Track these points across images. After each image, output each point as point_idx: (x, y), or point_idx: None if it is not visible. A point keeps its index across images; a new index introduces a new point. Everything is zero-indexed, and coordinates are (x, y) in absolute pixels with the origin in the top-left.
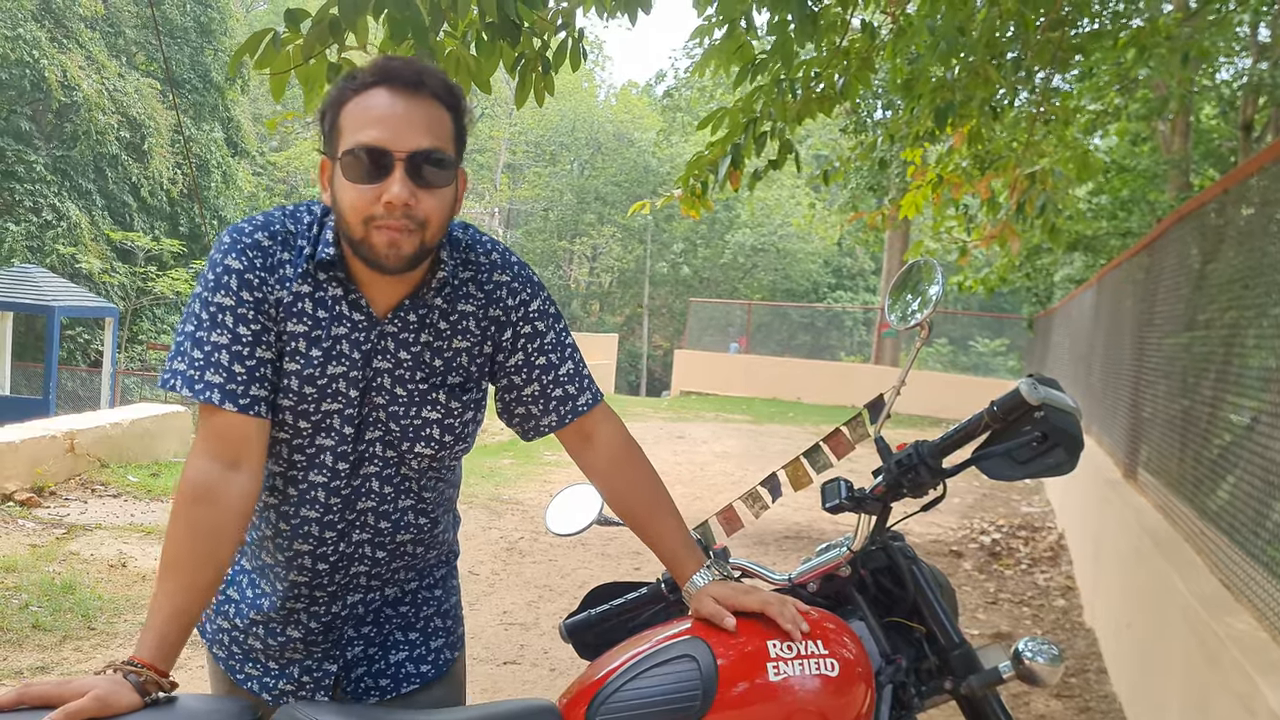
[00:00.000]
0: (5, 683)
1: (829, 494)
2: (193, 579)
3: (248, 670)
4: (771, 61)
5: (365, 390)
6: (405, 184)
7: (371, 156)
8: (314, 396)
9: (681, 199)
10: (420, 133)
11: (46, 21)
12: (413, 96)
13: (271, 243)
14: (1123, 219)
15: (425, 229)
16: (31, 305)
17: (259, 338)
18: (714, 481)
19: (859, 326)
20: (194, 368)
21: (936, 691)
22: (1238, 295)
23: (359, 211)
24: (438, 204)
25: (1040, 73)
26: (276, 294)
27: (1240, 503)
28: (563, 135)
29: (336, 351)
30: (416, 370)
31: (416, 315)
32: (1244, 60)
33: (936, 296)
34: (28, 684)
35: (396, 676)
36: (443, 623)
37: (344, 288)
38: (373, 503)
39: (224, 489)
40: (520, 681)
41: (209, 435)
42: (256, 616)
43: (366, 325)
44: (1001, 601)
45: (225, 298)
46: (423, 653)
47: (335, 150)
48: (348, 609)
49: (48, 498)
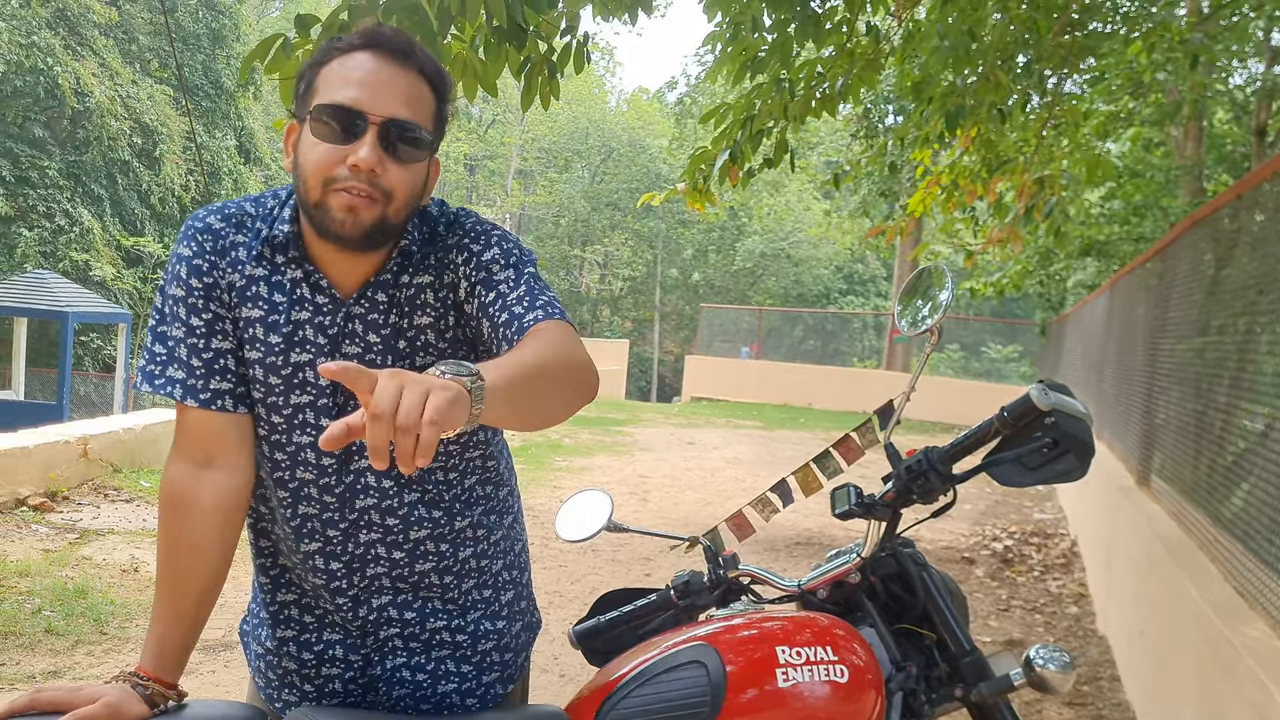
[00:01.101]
0: (18, 687)
1: (839, 500)
2: (183, 586)
3: (285, 697)
4: (771, 59)
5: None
6: (375, 149)
7: (344, 116)
8: (280, 388)
9: (686, 193)
10: (400, 102)
11: (61, 29)
12: (399, 65)
13: (224, 225)
14: (1135, 224)
15: (389, 202)
16: (46, 311)
17: (212, 327)
18: (724, 487)
19: (870, 332)
20: (155, 363)
21: (947, 699)
22: (1252, 301)
23: (321, 171)
24: (406, 178)
25: (1051, 77)
26: (228, 278)
27: (1255, 509)
28: (575, 142)
29: (300, 337)
30: (388, 354)
31: (385, 295)
32: (1257, 65)
33: (947, 302)
34: (40, 689)
35: (440, 704)
36: (500, 657)
37: (302, 269)
38: (373, 499)
39: (196, 491)
40: (529, 688)
41: (180, 434)
42: (285, 633)
43: (331, 308)
44: (1014, 608)
45: (177, 288)
46: (473, 687)
47: (306, 110)
48: (376, 613)
49: (61, 502)
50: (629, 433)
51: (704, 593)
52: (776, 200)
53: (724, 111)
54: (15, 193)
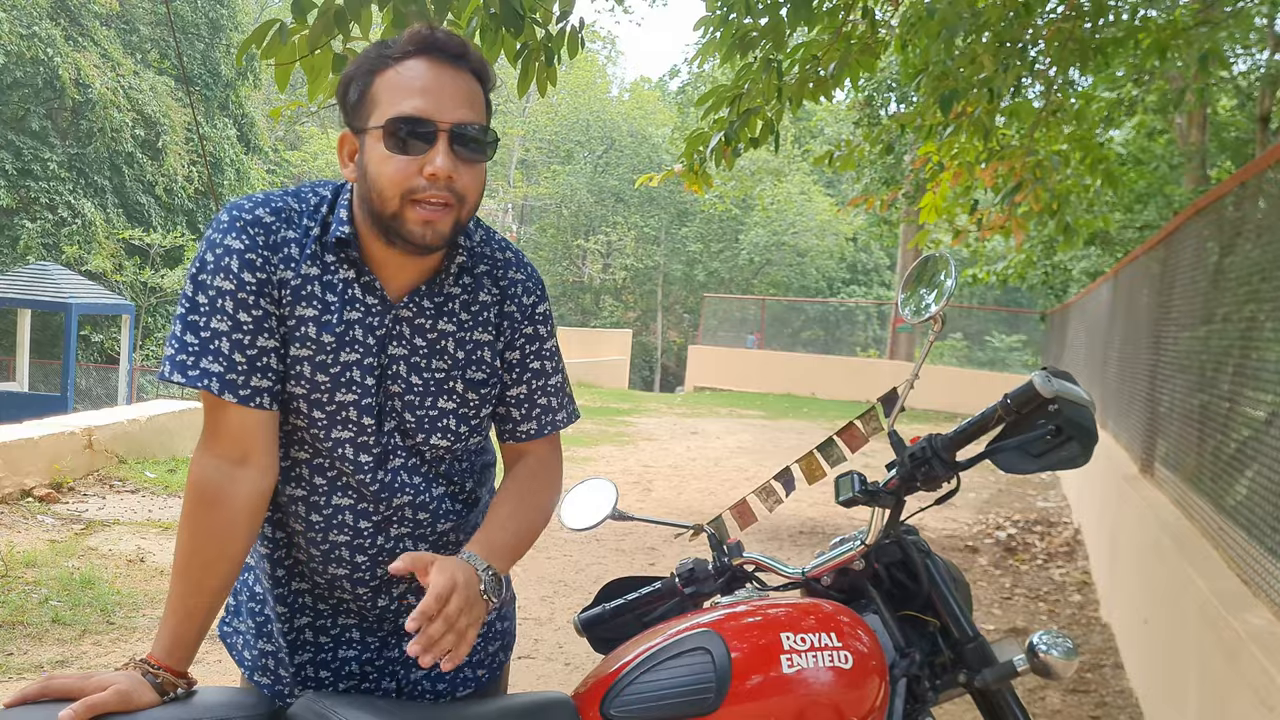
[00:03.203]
0: (25, 676)
1: (843, 488)
2: (203, 581)
3: (297, 694)
4: (763, 39)
5: (381, 378)
6: (449, 156)
7: (414, 126)
8: (327, 385)
9: (684, 174)
10: (463, 105)
11: (62, 19)
12: (455, 68)
13: (274, 219)
14: (1138, 212)
15: (463, 205)
16: (50, 302)
17: (261, 324)
18: (728, 477)
19: (873, 321)
20: (189, 354)
21: (951, 685)
22: (1255, 288)
23: (398, 184)
24: (476, 179)
25: (1053, 68)
26: (280, 275)
27: (1259, 498)
28: (577, 132)
29: (350, 337)
30: (433, 358)
31: (433, 301)
32: (1261, 53)
33: (950, 290)
34: (51, 676)
35: (454, 681)
36: (500, 625)
37: (356, 269)
38: (409, 496)
39: (230, 489)
40: (534, 675)
41: (212, 430)
42: (301, 621)
43: (380, 309)
44: (1017, 596)
45: (225, 281)
46: (481, 657)
47: (366, 121)
48: (395, 601)
49: (66, 493)
50: (632, 422)
51: (708, 580)
52: (779, 190)
53: (720, 93)
54: (17, 185)
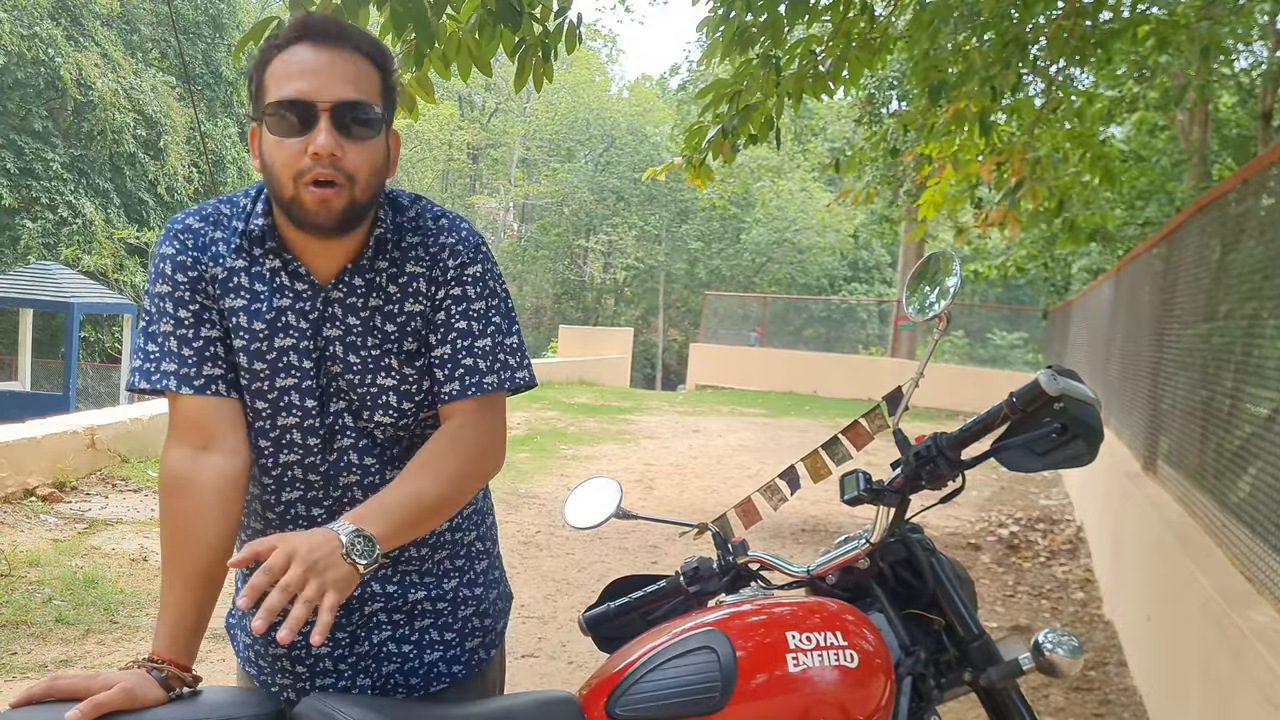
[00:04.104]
0: (29, 675)
1: (847, 486)
2: (188, 569)
3: (280, 681)
4: (762, 35)
5: (320, 360)
6: (331, 134)
7: (296, 109)
8: (266, 373)
9: (685, 168)
10: (344, 84)
11: (63, 19)
12: (335, 49)
13: (203, 224)
14: (1140, 209)
15: (354, 184)
16: (51, 302)
17: (200, 317)
18: (730, 475)
19: (874, 319)
20: (149, 361)
21: (956, 683)
22: (1258, 286)
23: (288, 166)
24: (366, 157)
25: (1053, 65)
26: (211, 271)
27: (1262, 495)
28: (577, 131)
29: (282, 323)
30: (367, 336)
31: (363, 279)
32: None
33: (955, 288)
34: (57, 676)
35: (428, 675)
36: (480, 622)
37: (281, 258)
38: (355, 476)
39: (195, 474)
40: (538, 675)
41: (175, 423)
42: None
43: (310, 294)
44: (1020, 594)
45: (163, 285)
46: (457, 653)
47: (261, 110)
48: (360, 588)
49: (69, 493)
50: (634, 420)
51: (713, 579)
52: (779, 187)
53: (720, 87)
54: (19, 184)
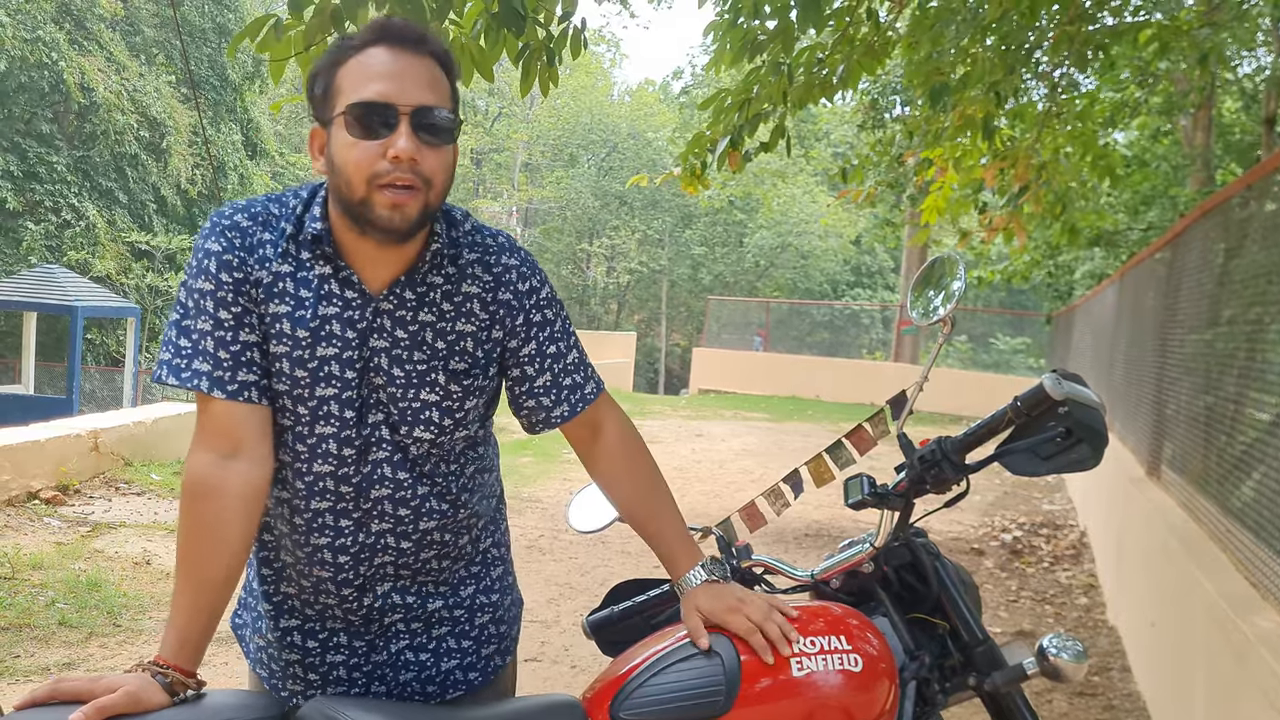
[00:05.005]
0: (32, 678)
1: (852, 490)
2: (205, 575)
3: (290, 688)
4: (772, 43)
5: (363, 371)
6: (411, 138)
7: (376, 111)
8: (306, 381)
9: (681, 176)
10: (423, 89)
11: (66, 23)
12: (414, 54)
13: (251, 223)
14: (1143, 213)
15: (429, 189)
16: (55, 305)
17: (241, 321)
18: (733, 479)
19: (878, 324)
20: (180, 356)
21: (960, 688)
22: (1262, 291)
23: (363, 169)
24: (441, 163)
25: (1056, 70)
26: (256, 274)
27: (1266, 500)
28: (579, 136)
29: (326, 332)
30: (415, 350)
31: (414, 293)
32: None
33: (959, 292)
34: (60, 679)
35: (444, 684)
36: (496, 629)
37: (332, 265)
38: (388, 490)
39: (222, 480)
40: (541, 679)
41: (203, 426)
42: (289, 622)
43: (360, 303)
44: (1023, 599)
45: (205, 282)
46: (474, 660)
47: (331, 112)
48: (380, 599)
49: (72, 496)
50: (637, 425)
51: None
52: (783, 192)
53: (723, 97)
54: (23, 188)
